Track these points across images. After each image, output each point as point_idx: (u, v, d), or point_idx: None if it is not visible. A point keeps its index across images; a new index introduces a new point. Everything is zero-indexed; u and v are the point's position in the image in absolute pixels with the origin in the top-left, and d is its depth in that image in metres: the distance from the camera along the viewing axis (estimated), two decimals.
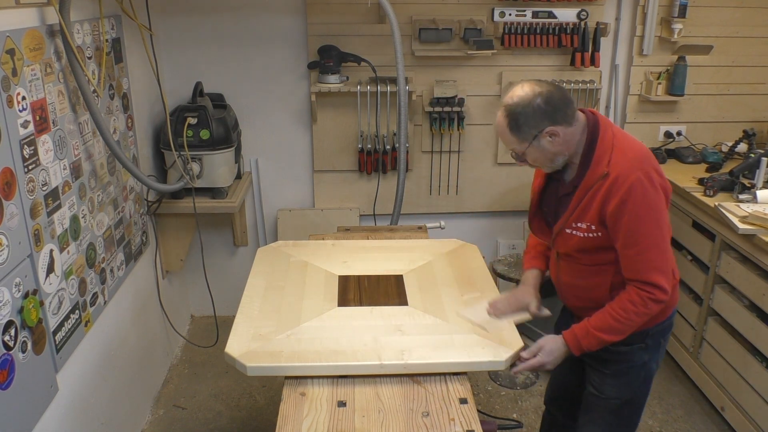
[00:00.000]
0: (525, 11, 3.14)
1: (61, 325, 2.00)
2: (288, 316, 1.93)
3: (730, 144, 3.31)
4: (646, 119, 3.46)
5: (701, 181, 2.96)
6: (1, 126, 1.67)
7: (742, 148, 3.22)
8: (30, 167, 1.83)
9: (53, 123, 1.98)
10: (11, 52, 1.73)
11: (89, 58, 2.26)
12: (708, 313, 2.86)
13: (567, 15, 3.16)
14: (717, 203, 2.70)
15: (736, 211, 2.61)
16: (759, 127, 3.40)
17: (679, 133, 3.48)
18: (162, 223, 3.06)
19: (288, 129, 3.37)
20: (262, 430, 2.84)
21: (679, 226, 3.01)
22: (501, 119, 1.71)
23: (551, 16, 3.15)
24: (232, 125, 3.03)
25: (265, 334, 1.83)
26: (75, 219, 2.12)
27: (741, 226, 2.50)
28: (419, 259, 2.34)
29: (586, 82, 3.29)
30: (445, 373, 1.73)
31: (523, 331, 1.96)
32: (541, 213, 1.94)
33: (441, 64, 3.27)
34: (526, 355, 1.78)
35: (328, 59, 3.10)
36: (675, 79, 3.33)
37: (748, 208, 2.62)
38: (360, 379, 1.71)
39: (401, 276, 2.20)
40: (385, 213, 3.40)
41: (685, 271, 2.94)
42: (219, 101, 3.16)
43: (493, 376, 3.16)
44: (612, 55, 3.37)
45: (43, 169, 1.90)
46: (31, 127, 1.83)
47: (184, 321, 3.56)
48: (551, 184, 1.88)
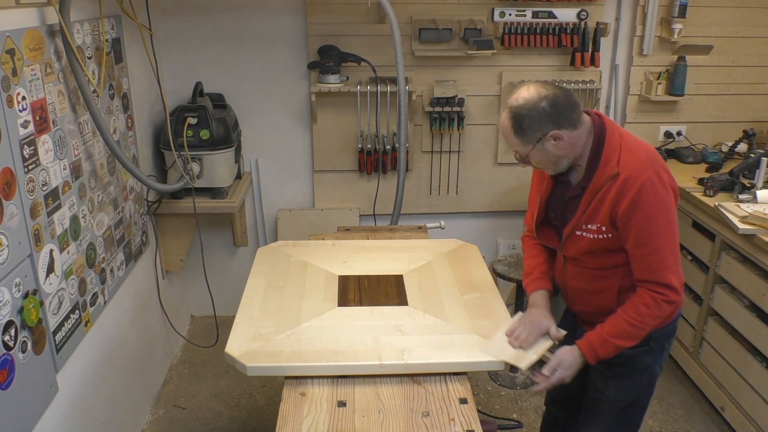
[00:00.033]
0: (525, 11, 3.14)
1: (61, 325, 2.00)
2: (288, 316, 1.93)
3: (730, 144, 3.31)
4: (646, 119, 3.46)
5: (701, 181, 2.96)
6: (1, 126, 1.67)
7: (742, 148, 3.22)
8: (30, 167, 1.83)
9: (53, 123, 1.98)
10: (11, 52, 1.73)
11: (89, 58, 2.25)
12: (708, 313, 2.86)
13: (567, 15, 3.16)
14: (717, 203, 2.70)
15: (736, 211, 2.61)
16: (759, 127, 3.40)
17: (679, 133, 3.48)
18: (162, 223, 3.06)
19: (288, 129, 3.37)
20: (262, 430, 2.84)
21: (679, 226, 2.97)
22: (505, 121, 1.70)
23: (551, 16, 3.15)
24: (232, 125, 3.03)
25: (265, 334, 1.83)
26: (75, 219, 2.12)
27: (741, 226, 2.50)
28: (419, 259, 2.34)
29: (586, 82, 3.29)
30: (445, 373, 1.73)
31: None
32: (547, 219, 1.93)
33: (441, 64, 3.27)
34: (547, 372, 1.73)
35: (328, 59, 3.10)
36: (675, 79, 3.33)
37: (748, 208, 2.62)
38: (360, 379, 1.71)
39: (401, 276, 2.20)
40: (385, 213, 3.40)
41: (685, 271, 2.88)
42: (219, 101, 3.16)
43: (493, 376, 3.16)
44: (612, 55, 3.37)
45: (43, 169, 1.90)
46: (31, 127, 1.83)
47: (184, 321, 3.56)
48: (555, 188, 1.86)
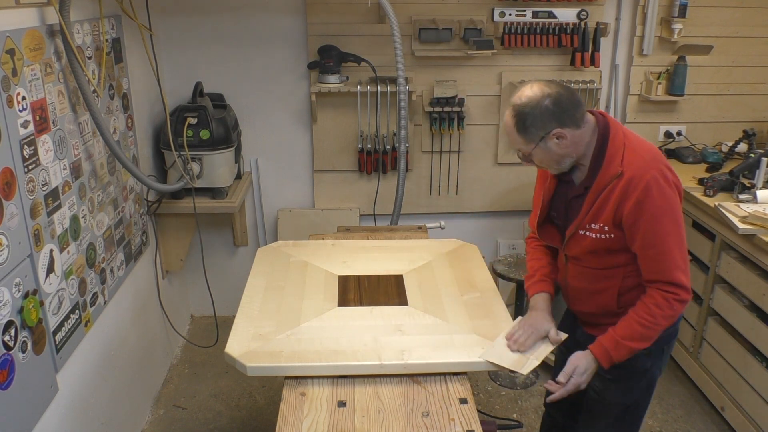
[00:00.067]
0: (525, 11, 3.14)
1: (61, 325, 2.00)
2: (288, 316, 1.93)
3: (730, 144, 3.31)
4: (646, 119, 3.46)
5: (701, 181, 2.96)
6: (1, 126, 1.67)
7: (742, 148, 3.22)
8: (30, 167, 1.83)
9: (53, 123, 1.98)
10: (11, 52, 1.73)
11: (89, 58, 2.25)
12: (708, 313, 2.86)
13: (567, 15, 3.16)
14: (717, 203, 2.70)
15: (736, 211, 2.61)
16: (759, 127, 3.40)
17: (679, 133, 3.48)
18: (162, 223, 3.06)
19: (288, 129, 3.37)
20: (262, 430, 2.84)
21: None
22: (509, 119, 1.70)
23: (551, 16, 3.15)
24: (232, 125, 3.03)
25: (265, 334, 1.83)
26: (75, 219, 2.12)
27: (741, 226, 2.50)
28: (419, 259, 2.34)
29: (586, 82, 3.29)
30: (445, 373, 1.73)
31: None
32: (549, 218, 1.92)
33: (441, 64, 3.27)
34: (562, 379, 1.72)
35: (328, 59, 3.10)
36: (675, 79, 3.33)
37: (748, 208, 2.62)
38: (360, 379, 1.71)
39: (401, 276, 2.20)
40: (385, 213, 3.40)
41: None
42: (219, 101, 3.16)
43: (493, 376, 3.15)
44: (612, 55, 3.37)
45: (43, 169, 1.90)
46: (31, 127, 1.83)
47: (184, 321, 3.56)
48: (559, 188, 1.86)
